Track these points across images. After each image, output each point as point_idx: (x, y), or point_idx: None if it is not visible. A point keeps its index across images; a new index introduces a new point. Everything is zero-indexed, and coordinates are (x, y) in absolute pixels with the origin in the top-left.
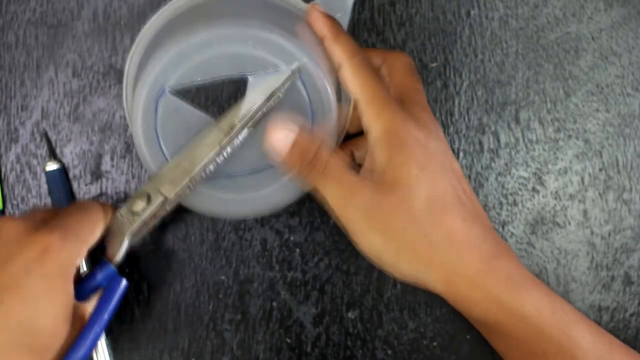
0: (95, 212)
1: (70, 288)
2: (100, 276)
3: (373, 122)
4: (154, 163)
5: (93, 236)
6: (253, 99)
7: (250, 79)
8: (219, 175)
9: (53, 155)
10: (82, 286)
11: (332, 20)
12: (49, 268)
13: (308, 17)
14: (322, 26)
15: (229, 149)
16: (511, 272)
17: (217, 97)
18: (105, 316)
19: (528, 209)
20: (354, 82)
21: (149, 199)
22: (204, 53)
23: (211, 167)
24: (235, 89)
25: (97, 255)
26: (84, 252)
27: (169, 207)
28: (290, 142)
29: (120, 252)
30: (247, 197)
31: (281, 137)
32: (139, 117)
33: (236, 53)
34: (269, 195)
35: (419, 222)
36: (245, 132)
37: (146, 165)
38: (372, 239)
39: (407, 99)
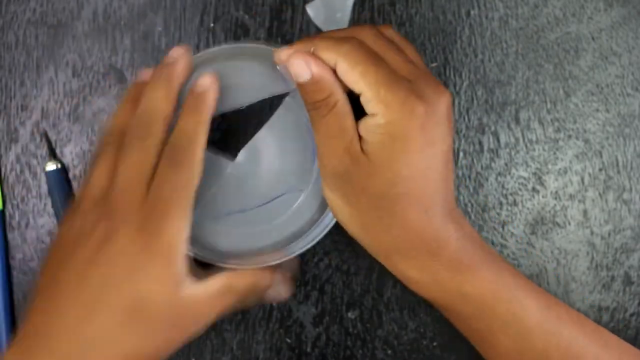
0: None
1: None
2: None
3: (375, 109)
4: None
5: None
6: None
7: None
8: (230, 212)
9: (53, 155)
10: None
11: (299, 43)
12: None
13: (287, 64)
14: (301, 57)
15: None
16: (455, 256)
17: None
18: None
19: (528, 209)
20: (353, 74)
21: None
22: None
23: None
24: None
25: None
26: None
27: None
28: (310, 73)
29: None
30: (261, 228)
31: (302, 66)
32: None
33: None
34: (282, 224)
35: (378, 209)
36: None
37: None
38: (333, 191)
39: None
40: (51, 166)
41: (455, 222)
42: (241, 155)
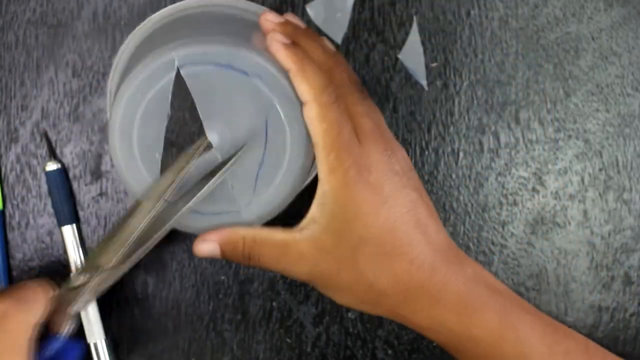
0: (34, 288)
1: (29, 353)
2: (49, 351)
3: (325, 176)
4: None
5: (40, 308)
6: (175, 171)
7: None
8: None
9: (53, 155)
10: None
11: (294, 49)
12: (10, 327)
13: (269, 47)
14: (285, 58)
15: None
16: (460, 298)
17: None
18: None
19: (528, 209)
20: (317, 125)
21: (86, 274)
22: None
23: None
24: None
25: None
26: (38, 319)
27: (110, 280)
28: (217, 251)
29: (65, 326)
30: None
31: (207, 247)
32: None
33: (200, 72)
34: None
35: (364, 276)
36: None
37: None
38: (321, 290)
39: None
40: (51, 166)
41: (454, 264)
42: (214, 137)
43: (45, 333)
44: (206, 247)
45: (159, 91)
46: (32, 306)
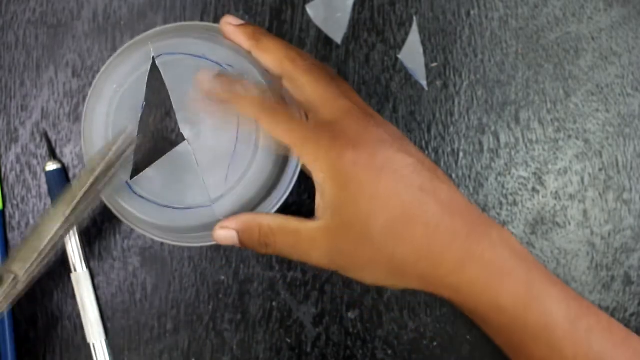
0: None
1: None
2: None
3: (311, 165)
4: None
5: None
6: (92, 167)
7: None
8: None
9: (53, 155)
10: None
11: (250, 28)
12: None
13: (225, 34)
14: (242, 39)
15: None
16: (485, 265)
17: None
18: None
19: (528, 209)
20: (276, 131)
21: (0, 280)
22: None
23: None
24: None
25: None
26: None
27: (20, 287)
28: (235, 238)
29: None
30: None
31: (226, 233)
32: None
33: (174, 61)
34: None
35: (383, 249)
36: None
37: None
38: (346, 273)
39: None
40: (51, 166)
41: (477, 226)
42: (186, 130)
43: None
44: (226, 233)
45: (134, 82)
46: None
